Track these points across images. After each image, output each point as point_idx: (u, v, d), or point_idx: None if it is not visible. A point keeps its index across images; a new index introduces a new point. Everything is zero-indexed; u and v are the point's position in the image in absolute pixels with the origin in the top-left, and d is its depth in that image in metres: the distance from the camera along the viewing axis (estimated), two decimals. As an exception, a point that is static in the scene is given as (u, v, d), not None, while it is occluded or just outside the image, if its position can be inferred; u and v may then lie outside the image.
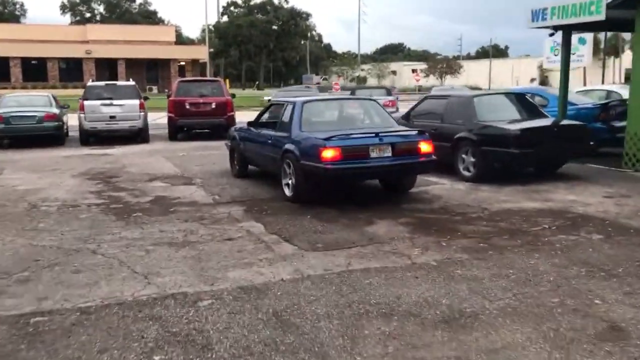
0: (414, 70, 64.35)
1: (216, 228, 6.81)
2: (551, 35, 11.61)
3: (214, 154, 13.84)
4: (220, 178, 10.39)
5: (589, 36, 24.99)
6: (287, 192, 8.22)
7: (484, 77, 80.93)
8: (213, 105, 17.43)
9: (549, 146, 9.10)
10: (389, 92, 20.79)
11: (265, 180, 9.83)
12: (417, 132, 8.01)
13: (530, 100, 10.57)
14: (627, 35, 44.15)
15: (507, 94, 10.74)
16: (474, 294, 4.60)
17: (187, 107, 17.28)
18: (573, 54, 26.06)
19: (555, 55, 26.31)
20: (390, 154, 7.70)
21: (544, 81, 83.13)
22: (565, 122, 10.24)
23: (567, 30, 11.38)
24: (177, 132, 17.72)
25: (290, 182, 8.16)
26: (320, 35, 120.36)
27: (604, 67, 58.80)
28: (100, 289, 4.85)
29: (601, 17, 9.78)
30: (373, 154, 7.62)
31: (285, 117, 8.69)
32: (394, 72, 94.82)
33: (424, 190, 8.76)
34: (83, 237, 6.48)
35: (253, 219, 7.21)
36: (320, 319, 4.15)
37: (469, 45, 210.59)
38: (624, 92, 16.44)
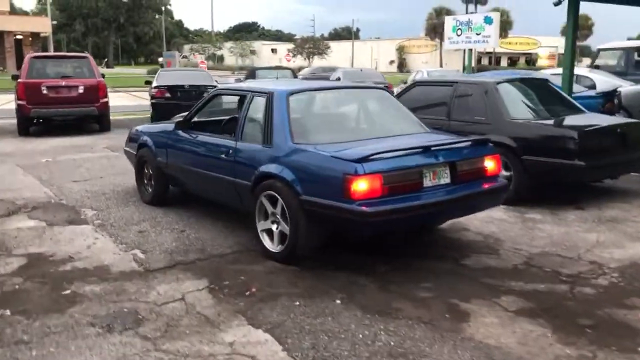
0: (287, 50, 61.68)
1: (182, 354, 3.38)
2: (556, 5, 9.16)
3: (94, 159, 9.90)
4: (125, 206, 6.72)
5: (496, 15, 23.47)
6: (271, 244, 4.90)
7: (345, 59, 79.79)
8: (80, 90, 13.16)
9: (617, 153, 6.56)
10: (294, 74, 17.61)
11: (201, 206, 6.37)
12: (473, 140, 5.02)
13: (555, 87, 7.98)
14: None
15: (528, 80, 8.05)
16: None
17: (44, 91, 12.85)
18: (478, 34, 24.66)
19: (458, 35, 24.67)
20: (448, 180, 4.66)
21: (402, 63, 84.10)
22: (625, 119, 7.76)
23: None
24: (30, 125, 13.26)
25: (276, 229, 4.84)
26: (171, 12, 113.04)
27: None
28: None
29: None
30: (427, 182, 4.54)
31: (254, 117, 5.31)
32: (252, 52, 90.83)
33: (460, 225, 5.82)
34: None
35: (240, 318, 3.84)
36: None
37: (319, 27, 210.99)
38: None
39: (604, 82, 11.07)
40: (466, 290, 4.28)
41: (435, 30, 74.46)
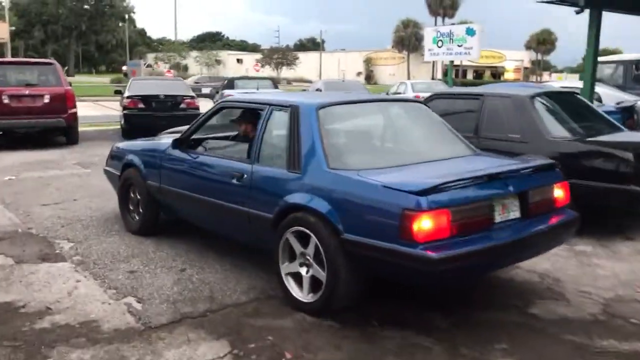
0: (255, 61, 61.05)
1: None
2: (578, 12, 8.51)
3: (63, 177, 8.82)
4: (107, 237, 5.72)
5: (478, 27, 22.99)
6: (299, 292, 3.99)
7: (311, 70, 79.07)
8: (46, 99, 12.01)
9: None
10: (275, 84, 16.67)
11: (199, 237, 5.43)
12: (540, 162, 4.23)
13: (585, 100, 7.27)
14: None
15: (556, 93, 7.31)
16: None
17: (6, 101, 11.65)
18: (459, 46, 24.16)
19: (439, 46, 24.11)
20: (518, 213, 3.85)
21: (369, 75, 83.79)
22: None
23: (598, 8, 8.31)
24: (-12, 137, 12.06)
25: (306, 273, 3.95)
26: (134, 20, 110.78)
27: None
28: None
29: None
30: (497, 217, 3.72)
31: (274, 136, 4.42)
32: (217, 61, 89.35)
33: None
34: None
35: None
36: None
37: (283, 38, 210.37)
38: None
39: (610, 96, 10.51)
40: (551, 353, 3.46)
41: (402, 42, 74.59)
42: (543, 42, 75.12)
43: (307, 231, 3.85)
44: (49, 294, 4.30)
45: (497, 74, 77.10)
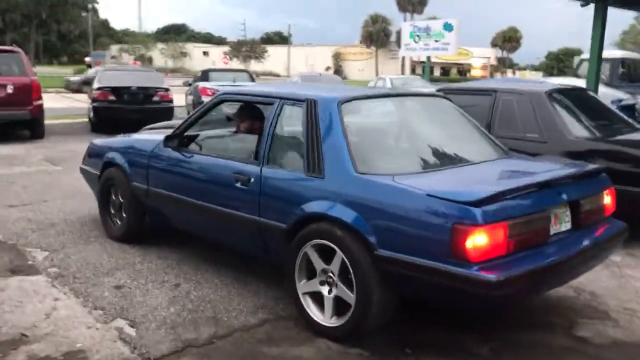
0: (223, 53, 60.36)
1: None
2: (583, 6, 8.14)
3: (30, 175, 8.08)
4: (86, 244, 5.09)
5: (456, 22, 22.65)
6: (320, 314, 3.47)
7: (279, 64, 78.10)
8: (9, 90, 11.15)
9: None
10: (252, 77, 15.99)
11: (190, 244, 4.86)
12: (590, 167, 3.79)
13: (597, 97, 6.86)
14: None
15: (569, 90, 6.88)
16: None
17: (-35, 91, 10.82)
18: (437, 41, 23.82)
19: (416, 42, 23.73)
20: (569, 225, 3.40)
21: (338, 70, 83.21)
22: None
23: (604, 2, 7.94)
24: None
25: (328, 293, 3.42)
26: (97, 10, 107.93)
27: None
28: None
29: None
30: (551, 230, 3.26)
31: (287, 134, 3.88)
32: (183, 54, 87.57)
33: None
34: None
35: None
36: None
37: (248, 31, 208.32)
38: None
39: (604, 94, 10.21)
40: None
41: (371, 37, 74.36)
42: (509, 39, 75.91)
43: (332, 245, 3.32)
44: (22, 316, 3.67)
45: (463, 71, 77.57)
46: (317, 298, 3.50)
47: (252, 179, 3.82)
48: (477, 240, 2.84)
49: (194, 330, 3.52)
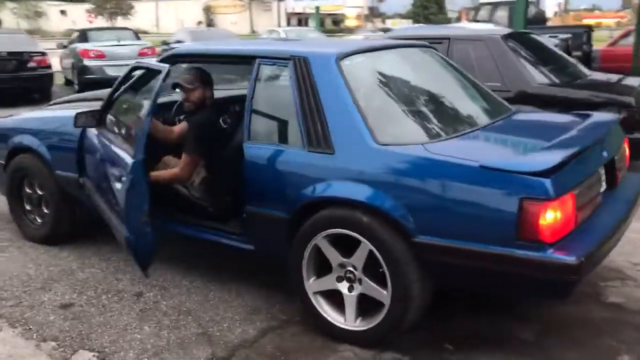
0: (86, 12, 56.01)
1: None
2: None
3: None
4: (1, 252, 4.12)
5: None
6: (339, 316, 2.89)
7: (148, 20, 73.89)
8: None
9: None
10: (137, 35, 14.50)
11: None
12: (612, 117, 3.44)
13: (543, 42, 6.56)
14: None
15: (519, 34, 6.46)
16: None
17: None
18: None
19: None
20: (604, 186, 3.03)
21: (210, 24, 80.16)
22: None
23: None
24: None
25: (349, 292, 2.84)
26: None
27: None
28: None
29: None
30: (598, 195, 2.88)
31: (273, 101, 3.18)
32: (38, 13, 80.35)
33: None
34: None
35: None
36: None
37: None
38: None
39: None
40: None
41: (244, -10, 72.08)
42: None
43: (355, 234, 2.72)
44: (-53, 363, 2.78)
45: (337, 21, 77.63)
46: (333, 297, 2.91)
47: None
48: (550, 216, 2.37)
49: (185, 355, 2.82)
